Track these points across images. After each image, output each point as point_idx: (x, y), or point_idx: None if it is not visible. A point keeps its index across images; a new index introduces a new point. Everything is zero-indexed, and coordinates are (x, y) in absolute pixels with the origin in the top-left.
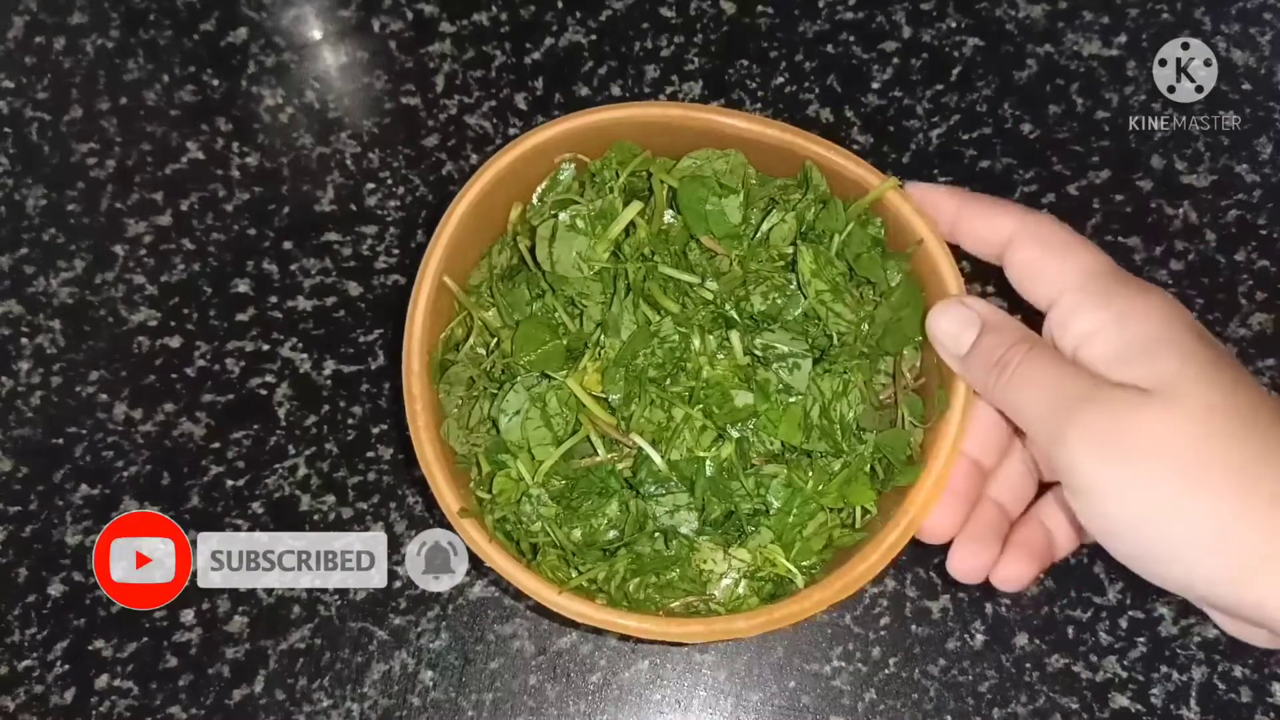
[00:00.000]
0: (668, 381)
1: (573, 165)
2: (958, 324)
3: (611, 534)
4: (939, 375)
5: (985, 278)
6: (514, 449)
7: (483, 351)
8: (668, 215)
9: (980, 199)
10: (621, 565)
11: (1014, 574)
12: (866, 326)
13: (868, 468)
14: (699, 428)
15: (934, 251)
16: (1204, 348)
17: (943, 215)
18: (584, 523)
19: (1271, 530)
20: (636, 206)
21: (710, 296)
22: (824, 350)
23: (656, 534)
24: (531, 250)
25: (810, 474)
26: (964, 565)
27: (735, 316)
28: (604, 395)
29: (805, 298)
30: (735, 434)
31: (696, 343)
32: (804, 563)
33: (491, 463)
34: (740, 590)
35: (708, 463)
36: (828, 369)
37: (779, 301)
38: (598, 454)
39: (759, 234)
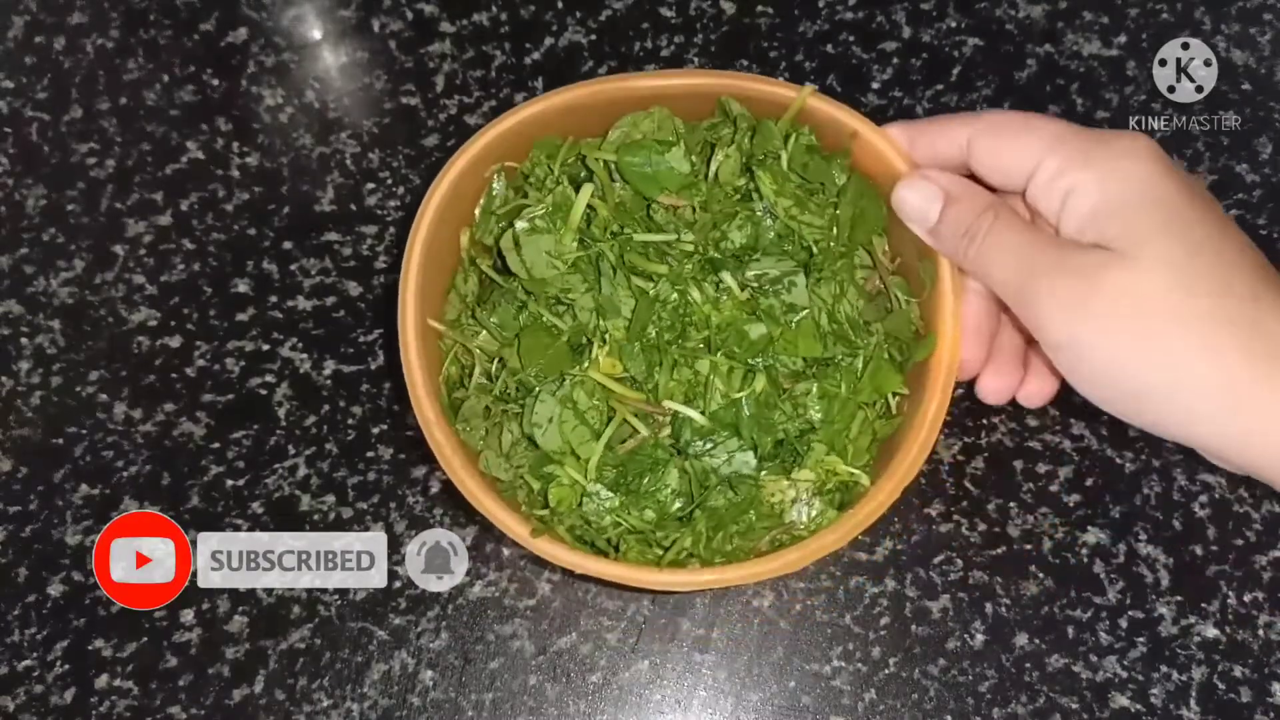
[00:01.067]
0: (680, 341)
1: (502, 174)
2: (923, 198)
3: (679, 502)
4: (915, 250)
5: None
6: (558, 457)
7: (485, 380)
8: (617, 189)
9: (927, 120)
10: (702, 525)
11: (1037, 389)
12: (835, 229)
13: (886, 355)
14: (726, 372)
15: (871, 138)
16: (1180, 201)
17: (900, 142)
18: (650, 500)
19: (1226, 367)
20: (589, 188)
21: (691, 247)
22: (806, 263)
23: (720, 485)
24: (502, 266)
25: (839, 378)
26: (991, 386)
27: (720, 257)
28: (627, 375)
29: (775, 218)
30: (762, 365)
31: (696, 294)
32: (859, 464)
33: (539, 478)
34: (815, 509)
35: (744, 402)
36: (819, 278)
37: (753, 231)
38: (640, 433)
39: (709, 176)
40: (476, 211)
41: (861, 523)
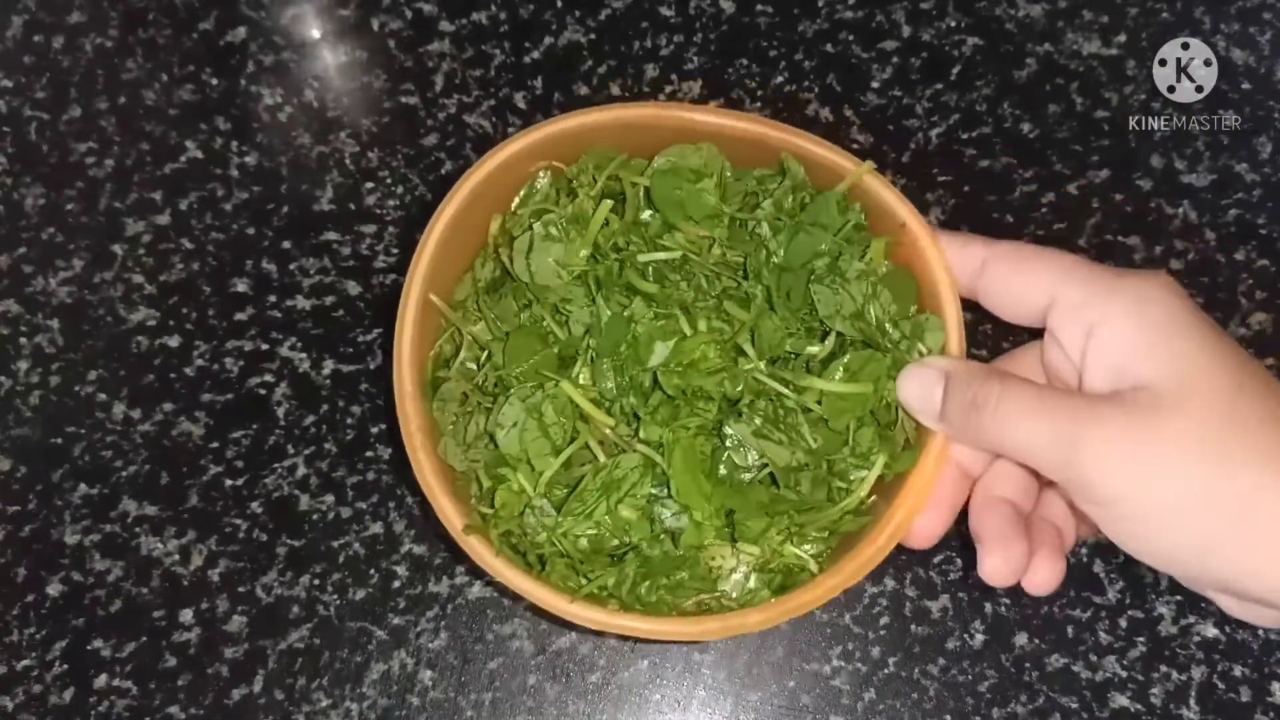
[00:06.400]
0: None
1: (548, 173)
2: (923, 385)
3: (616, 540)
4: None
5: None
6: (513, 461)
7: (473, 366)
8: (645, 215)
9: (947, 235)
10: (631, 569)
11: (1046, 577)
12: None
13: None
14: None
15: (918, 233)
16: (1209, 335)
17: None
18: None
19: None
20: (608, 205)
21: (692, 277)
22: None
23: (663, 535)
24: (512, 263)
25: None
26: (997, 571)
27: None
28: (599, 396)
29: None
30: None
31: (684, 324)
32: (812, 551)
33: (491, 477)
34: (751, 584)
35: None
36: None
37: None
38: (598, 460)
39: (737, 220)
40: (514, 202)
41: (790, 612)
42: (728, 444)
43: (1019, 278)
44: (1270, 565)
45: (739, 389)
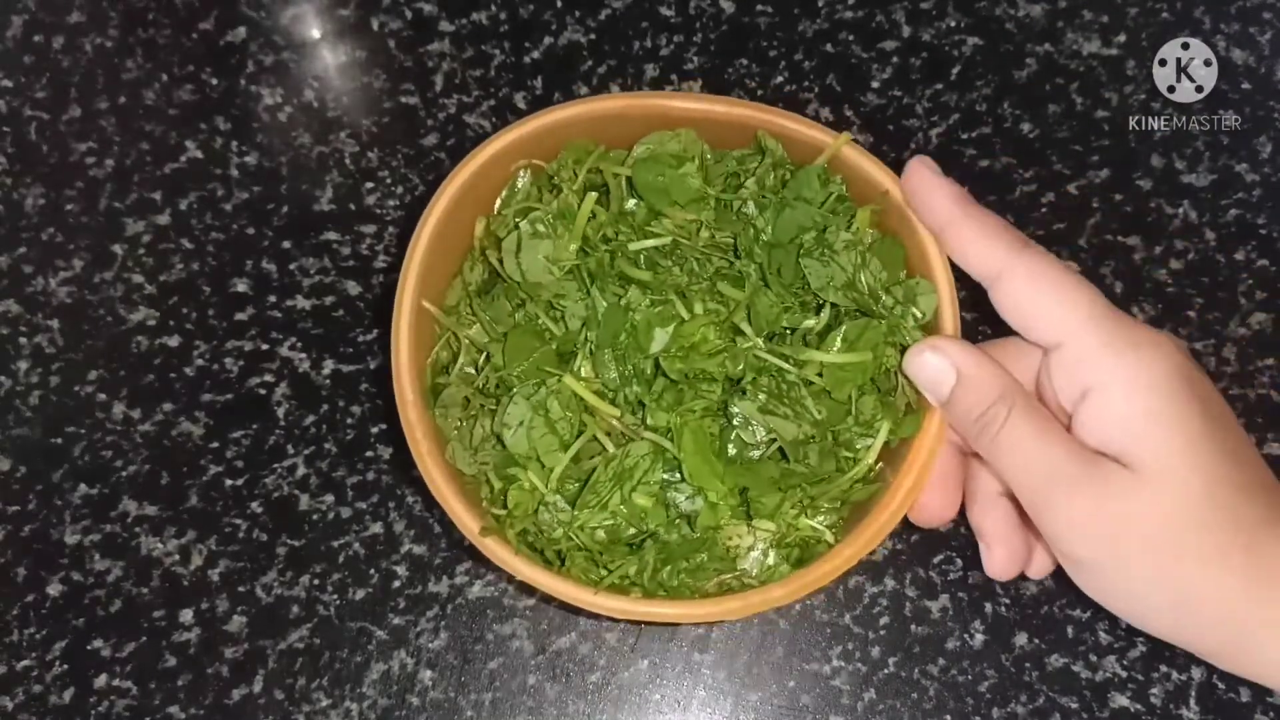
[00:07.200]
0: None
1: (529, 171)
2: (934, 370)
3: (633, 529)
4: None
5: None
6: (523, 460)
7: (472, 370)
8: (630, 205)
9: (975, 218)
10: (650, 556)
11: (1044, 563)
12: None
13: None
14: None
15: (901, 200)
16: (1200, 423)
17: (933, 217)
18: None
19: (1230, 603)
20: (593, 197)
21: (685, 261)
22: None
23: (679, 519)
24: (501, 264)
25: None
26: (1001, 567)
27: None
28: (605, 389)
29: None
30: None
31: (681, 307)
32: (827, 522)
33: (502, 478)
34: (770, 560)
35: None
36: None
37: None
38: (607, 451)
39: (722, 201)
40: (497, 203)
41: (811, 584)
42: (735, 423)
43: (1032, 311)
44: (1212, 647)
45: (740, 368)
